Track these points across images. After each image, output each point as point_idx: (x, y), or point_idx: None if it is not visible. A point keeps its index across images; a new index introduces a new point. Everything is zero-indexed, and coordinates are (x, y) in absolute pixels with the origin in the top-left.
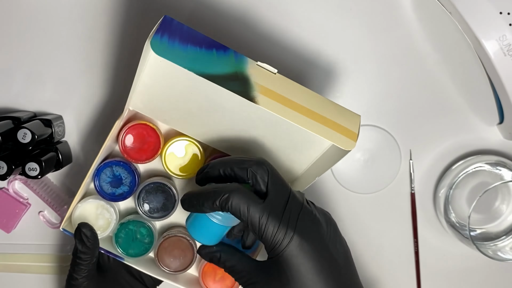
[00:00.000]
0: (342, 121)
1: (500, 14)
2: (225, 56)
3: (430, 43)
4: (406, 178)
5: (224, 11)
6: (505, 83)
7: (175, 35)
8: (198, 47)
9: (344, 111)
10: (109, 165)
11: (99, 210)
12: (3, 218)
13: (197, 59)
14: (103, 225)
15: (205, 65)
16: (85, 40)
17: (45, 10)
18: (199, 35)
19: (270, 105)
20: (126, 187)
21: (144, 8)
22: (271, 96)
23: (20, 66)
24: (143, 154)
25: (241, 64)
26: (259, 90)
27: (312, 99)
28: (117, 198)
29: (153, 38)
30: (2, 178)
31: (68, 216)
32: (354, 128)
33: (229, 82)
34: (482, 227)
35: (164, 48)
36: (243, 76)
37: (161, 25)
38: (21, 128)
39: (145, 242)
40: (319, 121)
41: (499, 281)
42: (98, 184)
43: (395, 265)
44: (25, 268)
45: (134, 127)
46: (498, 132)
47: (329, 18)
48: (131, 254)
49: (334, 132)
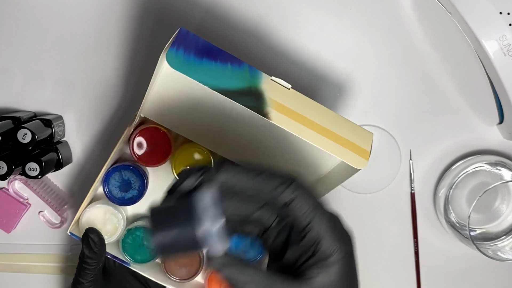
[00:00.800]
0: (354, 138)
1: (500, 14)
2: (240, 71)
3: (430, 43)
4: (406, 178)
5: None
6: (505, 83)
7: (190, 48)
8: (214, 60)
9: (356, 129)
10: (118, 170)
11: (107, 215)
12: (3, 218)
13: (212, 73)
14: (110, 230)
15: (220, 80)
16: (85, 40)
17: (46, 10)
18: (214, 49)
19: (283, 121)
20: (135, 191)
21: (144, 11)
22: (284, 112)
23: (20, 66)
24: (153, 157)
25: (256, 79)
26: (273, 105)
27: (325, 116)
28: (127, 202)
29: (168, 50)
30: (2, 178)
31: (75, 220)
32: (366, 146)
33: (243, 97)
34: (482, 227)
35: (179, 62)
36: (257, 91)
37: (177, 38)
38: (21, 128)
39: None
40: (332, 138)
41: (499, 281)
42: (107, 189)
43: (395, 265)
44: (25, 268)
45: (146, 130)
46: (498, 132)
47: (329, 18)
48: (138, 260)
49: (346, 150)
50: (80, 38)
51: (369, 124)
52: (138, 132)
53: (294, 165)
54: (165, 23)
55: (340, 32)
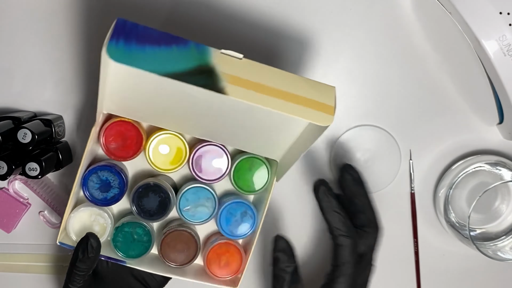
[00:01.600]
0: (317, 96)
1: (500, 14)
2: (186, 50)
3: (430, 43)
4: (406, 178)
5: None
6: (505, 83)
7: (131, 38)
8: (157, 45)
9: (318, 86)
10: (94, 171)
11: (93, 217)
12: (3, 218)
13: (158, 58)
14: (99, 231)
15: (167, 64)
16: (85, 40)
17: (46, 10)
18: (156, 32)
19: (240, 93)
20: (116, 189)
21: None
22: (240, 84)
23: (20, 66)
24: (128, 150)
25: (204, 56)
26: (227, 79)
27: (283, 79)
28: (110, 202)
29: (108, 44)
30: (2, 178)
31: (62, 228)
32: (330, 102)
33: (194, 77)
34: (482, 227)
35: (121, 53)
36: (208, 68)
37: (115, 29)
38: (21, 128)
39: (144, 241)
40: (293, 101)
41: (498, 281)
42: (88, 192)
43: (395, 265)
44: (25, 268)
45: (112, 126)
46: (498, 132)
47: (328, 18)
48: (133, 256)
49: (310, 110)
50: (80, 38)
51: (369, 124)
52: (106, 128)
53: (264, 134)
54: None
55: (340, 32)
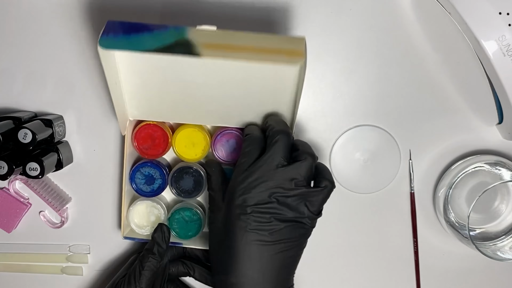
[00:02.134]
0: (286, 46)
1: (499, 14)
2: (166, 32)
3: (430, 43)
4: (406, 178)
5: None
6: (504, 83)
7: (118, 31)
8: (140, 33)
9: (288, 38)
10: (137, 169)
11: (149, 209)
12: (4, 218)
13: (141, 41)
14: (154, 221)
15: (148, 44)
16: (85, 40)
17: (46, 11)
18: (140, 24)
19: (214, 53)
20: (159, 180)
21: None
22: (213, 48)
23: (20, 66)
24: (158, 148)
25: (181, 33)
26: (202, 46)
27: (255, 38)
28: (158, 192)
29: (100, 38)
30: (3, 178)
31: (124, 223)
32: (299, 48)
33: (173, 49)
34: (481, 227)
35: (110, 42)
36: (185, 41)
37: (106, 28)
38: (22, 128)
39: (195, 220)
40: (263, 52)
41: (498, 281)
42: (136, 187)
43: (395, 265)
44: (26, 268)
45: (140, 130)
46: (498, 132)
47: (328, 18)
48: (191, 236)
49: (279, 56)
50: (80, 38)
51: (369, 124)
52: (136, 133)
53: (263, 100)
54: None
55: (339, 32)
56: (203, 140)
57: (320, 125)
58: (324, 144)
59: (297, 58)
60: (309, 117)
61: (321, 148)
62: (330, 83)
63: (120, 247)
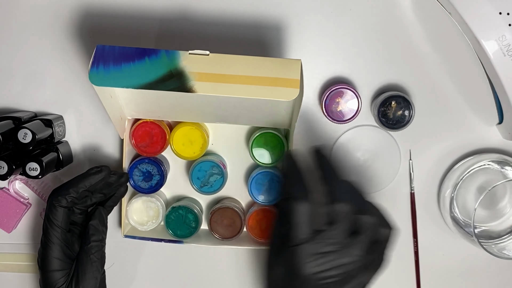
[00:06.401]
0: (282, 73)
1: (499, 14)
2: (158, 59)
3: (430, 43)
4: (406, 178)
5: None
6: (505, 83)
7: (108, 60)
8: (131, 62)
9: (283, 63)
10: (134, 167)
11: (146, 204)
12: (4, 218)
13: (133, 73)
14: (153, 215)
15: (141, 76)
16: (85, 40)
17: (46, 10)
18: (129, 50)
19: (207, 88)
20: (157, 176)
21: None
22: (207, 79)
23: (20, 66)
24: (156, 146)
25: (174, 60)
26: (195, 77)
27: (248, 64)
28: (156, 188)
29: (90, 72)
30: (3, 178)
31: (123, 221)
32: (295, 75)
33: (166, 83)
34: (486, 225)
35: (100, 77)
36: (178, 71)
37: (95, 56)
38: (22, 128)
39: (192, 226)
40: (257, 83)
41: (498, 280)
42: (135, 184)
43: (395, 265)
44: (26, 268)
45: (138, 128)
46: (498, 132)
47: (329, 19)
48: (178, 235)
49: (274, 88)
50: (81, 38)
51: (369, 124)
52: (133, 131)
53: (264, 112)
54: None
55: (339, 32)
56: (200, 138)
57: (320, 125)
58: (324, 144)
59: (292, 91)
60: (309, 117)
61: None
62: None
63: (120, 246)
